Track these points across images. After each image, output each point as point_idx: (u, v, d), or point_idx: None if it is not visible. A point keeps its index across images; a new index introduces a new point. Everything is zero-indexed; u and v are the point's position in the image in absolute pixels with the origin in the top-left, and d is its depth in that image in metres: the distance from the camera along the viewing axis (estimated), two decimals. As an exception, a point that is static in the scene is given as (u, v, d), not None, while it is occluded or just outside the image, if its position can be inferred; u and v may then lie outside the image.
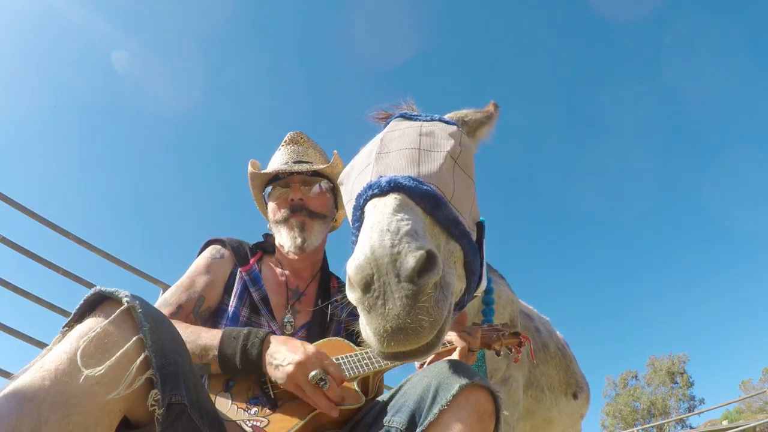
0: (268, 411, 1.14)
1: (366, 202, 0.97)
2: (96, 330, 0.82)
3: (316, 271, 1.66)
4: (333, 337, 1.41)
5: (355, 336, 0.98)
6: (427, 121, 1.19)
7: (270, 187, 1.66)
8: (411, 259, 0.79)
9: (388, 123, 1.24)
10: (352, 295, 0.84)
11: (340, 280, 1.69)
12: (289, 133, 1.74)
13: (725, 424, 17.66)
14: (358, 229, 0.98)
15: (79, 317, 0.88)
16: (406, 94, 1.33)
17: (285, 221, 1.56)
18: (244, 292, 1.48)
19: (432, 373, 1.03)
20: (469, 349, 1.35)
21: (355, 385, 1.22)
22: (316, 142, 1.78)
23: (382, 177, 0.98)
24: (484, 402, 0.98)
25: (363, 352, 1.30)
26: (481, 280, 1.09)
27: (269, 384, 1.20)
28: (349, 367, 1.25)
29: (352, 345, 1.35)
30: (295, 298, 1.55)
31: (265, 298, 1.48)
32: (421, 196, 0.95)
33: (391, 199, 0.92)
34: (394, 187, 0.95)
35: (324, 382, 1.10)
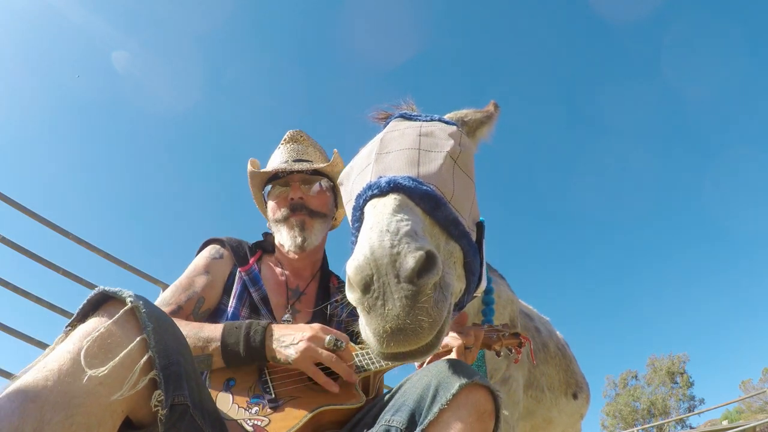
0: (269, 410, 1.14)
1: (366, 202, 0.97)
2: (100, 330, 0.81)
3: (316, 270, 1.66)
4: None
5: (354, 336, 0.98)
6: (426, 121, 1.19)
7: (269, 185, 1.65)
8: (410, 260, 0.79)
9: (388, 123, 1.24)
10: (352, 296, 0.84)
11: (339, 279, 1.69)
12: (288, 132, 1.72)
13: (725, 424, 17.66)
14: (358, 229, 0.98)
15: (82, 317, 0.87)
16: (405, 94, 1.33)
17: (285, 220, 1.56)
18: (244, 292, 1.48)
19: (432, 372, 1.03)
20: (466, 347, 1.35)
21: (355, 384, 1.22)
22: (316, 141, 1.77)
23: (381, 177, 0.98)
24: (483, 401, 0.98)
25: (363, 352, 1.31)
26: (481, 281, 1.09)
27: (270, 383, 1.21)
28: None
29: (352, 345, 1.35)
30: (295, 297, 1.55)
31: (265, 298, 1.48)
32: (420, 197, 0.95)
33: (391, 200, 0.92)
34: (393, 187, 0.95)
35: (340, 342, 1.19)
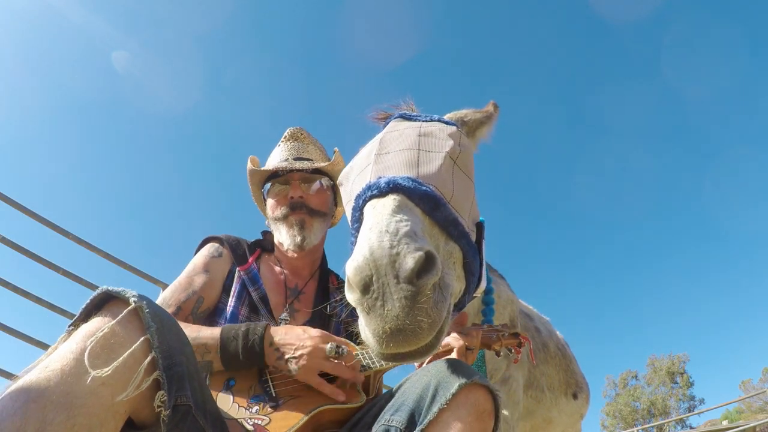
0: (269, 409, 1.14)
1: (365, 203, 0.97)
2: (103, 330, 0.81)
3: (315, 269, 1.65)
4: None
5: (354, 337, 0.98)
6: (426, 121, 1.19)
7: (269, 183, 1.64)
8: (410, 260, 0.78)
9: (388, 123, 1.24)
10: (351, 296, 0.84)
11: (339, 278, 1.68)
12: (288, 129, 1.70)
13: (725, 424, 17.65)
14: (358, 230, 0.97)
15: (85, 316, 0.87)
16: (405, 94, 1.32)
17: (284, 219, 1.55)
18: (243, 291, 1.47)
19: (431, 372, 1.03)
20: (467, 348, 1.34)
21: (357, 383, 1.22)
22: (316, 138, 1.75)
23: (381, 178, 0.98)
24: (483, 401, 0.98)
25: (363, 352, 1.31)
26: (481, 281, 1.09)
27: (270, 382, 1.21)
28: None
29: (352, 345, 1.35)
30: (293, 296, 1.54)
31: (264, 298, 1.47)
32: (420, 197, 0.95)
33: (390, 200, 0.92)
34: (393, 188, 0.94)
35: (342, 348, 1.19)
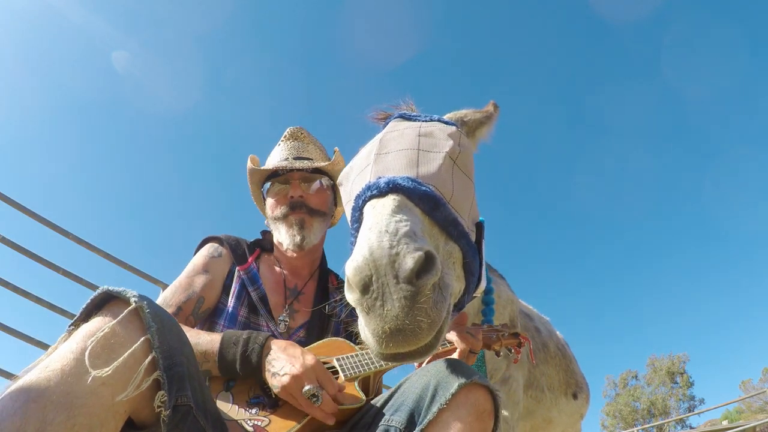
0: (269, 410, 1.14)
1: (365, 203, 0.97)
2: (104, 330, 0.81)
3: (314, 268, 1.64)
4: (333, 338, 1.41)
5: (354, 337, 0.97)
6: (426, 121, 1.19)
7: (269, 182, 1.63)
8: (409, 261, 0.78)
9: (387, 123, 1.24)
10: (351, 296, 0.84)
11: (339, 278, 1.68)
12: (289, 128, 1.69)
13: (725, 424, 17.65)
14: (357, 230, 0.97)
15: (85, 316, 0.87)
16: (405, 94, 1.32)
17: (284, 218, 1.54)
18: (243, 291, 1.47)
19: (431, 372, 1.03)
20: (471, 351, 1.33)
21: (355, 385, 1.22)
22: (316, 138, 1.74)
23: (380, 178, 0.98)
24: (483, 401, 0.98)
25: (363, 352, 1.30)
26: (481, 281, 1.08)
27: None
28: (349, 367, 1.25)
29: (352, 345, 1.35)
30: (293, 296, 1.54)
31: (264, 298, 1.47)
32: (419, 197, 0.94)
33: (390, 200, 0.92)
34: (392, 188, 0.94)
35: (316, 398, 1.08)
